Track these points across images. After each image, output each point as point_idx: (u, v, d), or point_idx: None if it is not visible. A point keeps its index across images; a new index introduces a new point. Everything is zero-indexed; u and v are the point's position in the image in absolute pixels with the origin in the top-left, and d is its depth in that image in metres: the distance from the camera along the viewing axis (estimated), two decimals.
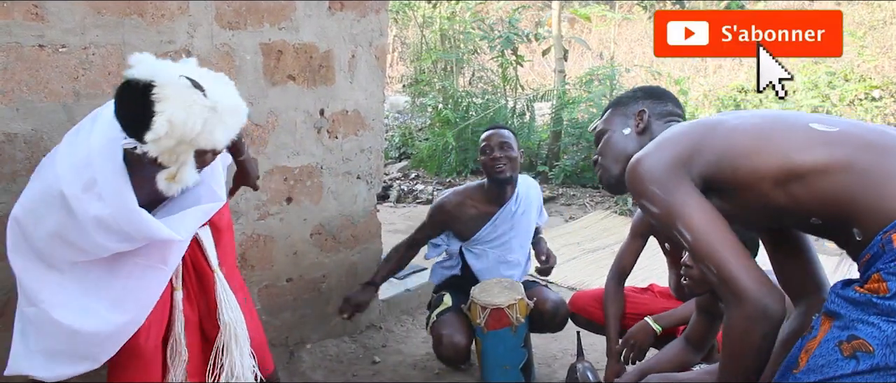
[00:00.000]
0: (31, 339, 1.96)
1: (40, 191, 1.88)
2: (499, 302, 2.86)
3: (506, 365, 2.92)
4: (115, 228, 1.86)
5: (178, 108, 1.73)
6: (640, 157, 1.61)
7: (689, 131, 1.62)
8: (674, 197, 1.53)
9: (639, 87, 2.00)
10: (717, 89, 10.61)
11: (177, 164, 1.82)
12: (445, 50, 8.71)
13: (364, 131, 3.36)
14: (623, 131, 1.88)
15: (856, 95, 8.88)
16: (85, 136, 1.89)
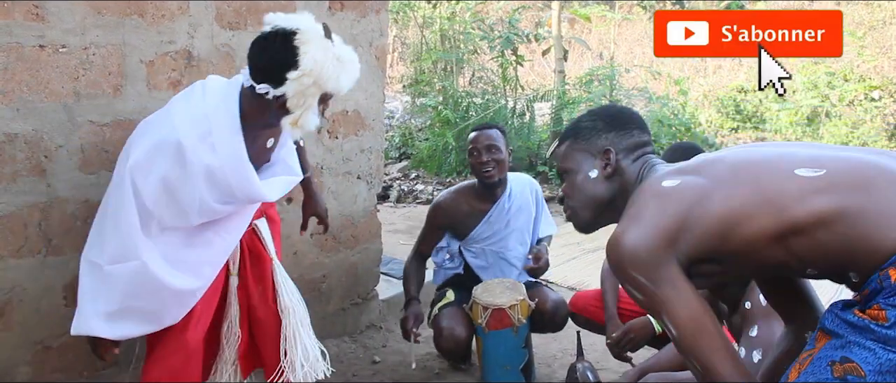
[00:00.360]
0: (102, 300, 2.04)
1: (155, 143, 1.98)
2: (500, 302, 2.86)
3: (506, 366, 2.92)
4: (220, 181, 2.03)
5: (318, 51, 1.96)
6: (621, 237, 1.51)
7: (675, 202, 1.50)
8: (660, 287, 1.46)
9: (599, 111, 1.85)
10: (717, 89, 10.62)
11: (302, 109, 2.00)
12: (445, 50, 8.71)
13: (364, 131, 3.36)
14: (589, 174, 1.75)
15: (855, 95, 8.89)
16: (199, 97, 2.05)
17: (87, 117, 2.37)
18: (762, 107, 9.76)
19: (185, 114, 2.01)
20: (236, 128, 2.03)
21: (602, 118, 1.79)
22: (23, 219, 2.29)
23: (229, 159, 2.03)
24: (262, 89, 1.99)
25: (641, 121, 1.81)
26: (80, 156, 2.37)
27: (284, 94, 1.98)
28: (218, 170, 2.02)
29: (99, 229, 2.07)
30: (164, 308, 2.13)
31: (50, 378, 2.44)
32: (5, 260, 2.28)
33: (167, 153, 1.97)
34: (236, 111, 2.03)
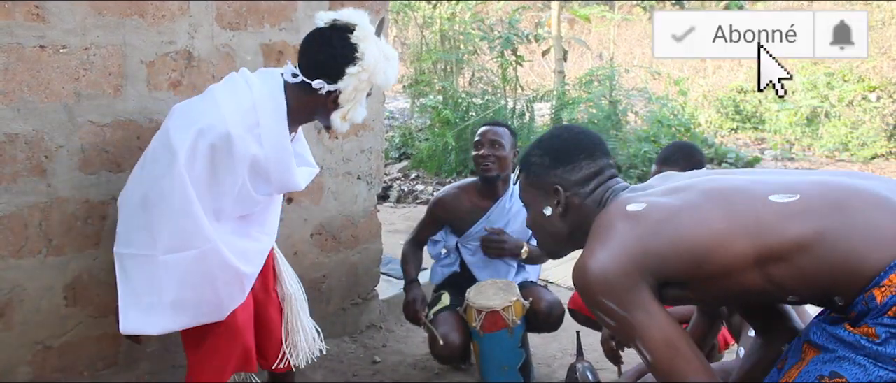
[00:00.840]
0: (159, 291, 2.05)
1: (201, 131, 1.97)
2: (494, 304, 2.85)
3: (504, 366, 2.92)
4: (262, 170, 2.09)
5: (374, 48, 2.03)
6: (587, 263, 1.48)
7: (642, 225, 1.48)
8: (631, 312, 1.44)
9: (546, 143, 1.79)
10: (717, 89, 10.63)
11: (353, 103, 2.08)
12: (445, 50, 8.71)
13: (364, 132, 3.36)
14: (544, 211, 1.74)
15: (854, 96, 8.90)
16: (245, 89, 2.06)
17: (88, 117, 2.37)
18: (762, 107, 9.77)
19: (233, 105, 2.02)
20: (283, 122, 2.08)
21: (548, 153, 1.75)
22: (23, 220, 2.29)
23: (274, 151, 2.08)
24: (317, 84, 2.04)
25: (591, 145, 1.75)
26: (80, 157, 2.37)
27: (338, 89, 2.04)
28: (263, 161, 2.07)
29: (142, 221, 2.04)
30: (228, 294, 2.15)
31: (50, 378, 2.44)
32: (6, 260, 2.28)
33: (215, 142, 1.98)
34: (283, 104, 2.07)
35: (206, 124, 1.97)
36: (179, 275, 2.05)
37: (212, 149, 1.98)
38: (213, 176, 2.02)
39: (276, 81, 2.10)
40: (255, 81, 2.10)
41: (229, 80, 2.13)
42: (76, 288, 2.44)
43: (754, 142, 9.37)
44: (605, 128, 7.04)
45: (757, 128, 9.67)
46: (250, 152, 2.03)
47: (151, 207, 2.03)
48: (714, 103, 10.15)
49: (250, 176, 2.09)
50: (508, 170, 3.10)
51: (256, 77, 2.13)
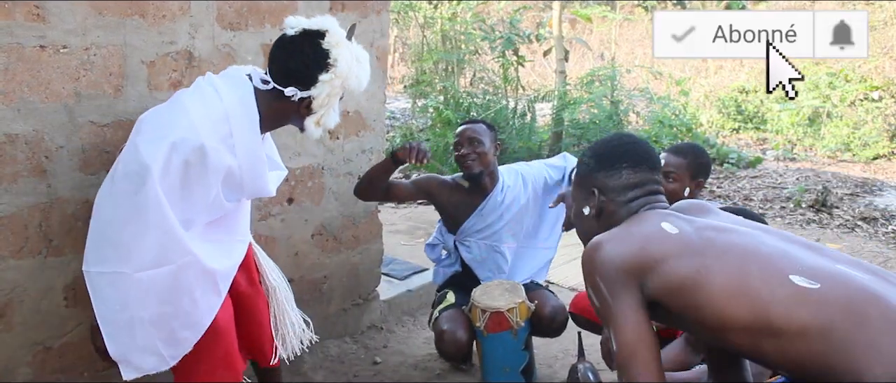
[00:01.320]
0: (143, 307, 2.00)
1: (173, 143, 1.92)
2: (499, 305, 2.85)
3: (506, 368, 2.91)
4: (236, 180, 2.07)
5: (345, 52, 2.02)
6: (599, 244, 1.62)
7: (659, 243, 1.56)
8: (615, 301, 1.55)
9: (595, 147, 1.87)
10: (718, 90, 10.62)
11: (326, 108, 2.07)
12: (447, 50, 8.71)
13: (365, 132, 3.36)
14: (583, 210, 1.85)
15: (856, 96, 8.88)
16: (214, 97, 2.01)
17: (88, 118, 2.36)
18: (763, 107, 9.76)
19: (204, 115, 1.97)
20: (255, 130, 2.05)
21: (595, 156, 1.83)
22: (23, 220, 2.29)
23: (247, 160, 2.06)
24: (290, 92, 2.02)
25: (637, 156, 1.79)
26: (80, 157, 2.37)
27: (311, 96, 2.03)
28: (236, 171, 2.05)
29: (113, 238, 1.97)
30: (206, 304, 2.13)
31: (50, 378, 2.44)
32: (6, 260, 2.27)
33: (188, 156, 1.94)
34: (256, 113, 2.04)
35: (178, 137, 1.91)
36: (156, 291, 2.00)
37: (185, 163, 1.94)
38: (184, 188, 1.98)
39: (247, 88, 2.06)
40: (223, 88, 2.04)
41: (197, 87, 2.08)
42: (76, 288, 2.43)
43: (756, 142, 9.37)
44: (607, 128, 7.04)
45: (759, 128, 9.66)
46: (224, 163, 2.01)
47: (123, 224, 1.95)
48: (716, 103, 10.14)
49: (223, 185, 2.07)
50: (492, 166, 3.11)
51: (224, 83, 2.07)
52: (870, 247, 5.36)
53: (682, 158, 2.75)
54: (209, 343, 2.18)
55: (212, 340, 2.18)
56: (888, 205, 6.36)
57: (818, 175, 7.38)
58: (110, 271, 1.97)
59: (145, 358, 2.05)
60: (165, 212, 1.93)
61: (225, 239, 2.23)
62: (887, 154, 8.22)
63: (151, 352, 2.05)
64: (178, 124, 1.94)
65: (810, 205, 6.29)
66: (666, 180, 2.74)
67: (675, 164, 2.74)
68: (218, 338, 2.20)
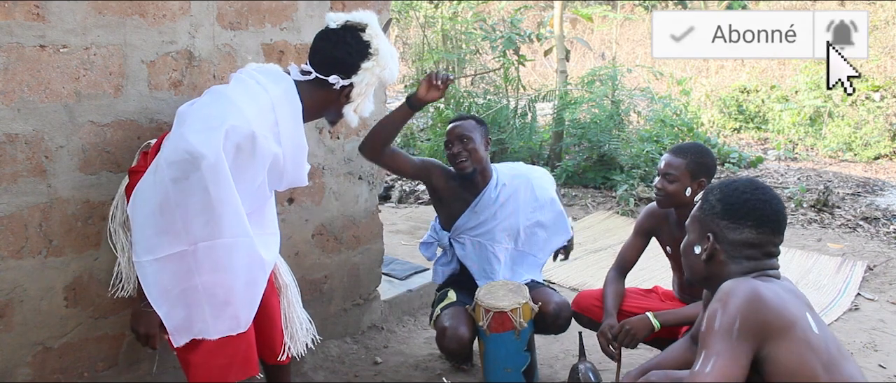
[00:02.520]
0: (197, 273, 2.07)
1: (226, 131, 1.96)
2: (502, 305, 2.84)
3: (508, 368, 2.91)
4: (278, 168, 2.16)
5: (384, 44, 2.19)
6: (760, 290, 1.63)
7: (800, 328, 1.62)
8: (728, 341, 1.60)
9: (726, 190, 1.83)
10: (719, 89, 10.61)
11: (363, 97, 2.23)
12: (447, 50, 8.70)
13: (365, 132, 3.35)
14: (694, 248, 1.86)
15: (858, 95, 8.87)
16: (260, 89, 2.09)
17: (88, 117, 2.36)
18: (765, 107, 9.75)
19: (253, 106, 2.04)
20: (299, 120, 2.16)
21: (722, 201, 1.81)
22: (23, 220, 2.29)
23: (292, 149, 2.15)
24: (333, 80, 2.16)
25: (765, 217, 1.78)
26: (80, 157, 2.36)
27: (352, 84, 2.18)
28: (281, 159, 2.13)
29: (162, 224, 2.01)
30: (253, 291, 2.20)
31: (50, 379, 2.44)
32: (6, 260, 2.27)
33: (240, 142, 1.99)
34: (299, 104, 2.15)
35: (231, 125, 1.97)
36: (212, 260, 2.06)
37: (237, 149, 2.00)
38: (236, 175, 2.02)
39: (288, 81, 2.16)
40: (267, 82, 2.13)
41: (239, 81, 2.12)
42: (76, 288, 2.43)
43: (757, 142, 9.36)
44: (608, 128, 7.03)
45: (760, 128, 9.65)
46: (271, 151, 2.09)
47: (174, 208, 1.99)
48: (717, 103, 10.13)
49: (268, 173, 2.14)
50: (484, 162, 3.07)
51: (266, 77, 2.15)
52: (871, 246, 5.35)
53: (681, 159, 2.73)
54: (229, 339, 2.19)
55: (233, 336, 2.20)
56: (890, 204, 6.35)
57: (820, 175, 7.38)
58: (163, 255, 2.03)
59: (194, 326, 2.14)
60: (230, 189, 1.99)
61: (259, 232, 2.25)
62: (889, 154, 8.21)
63: (199, 321, 2.13)
64: (230, 113, 2.00)
65: (812, 205, 6.28)
66: (666, 181, 2.74)
67: (674, 165, 2.73)
68: (239, 335, 2.21)
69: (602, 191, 6.84)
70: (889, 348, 3.67)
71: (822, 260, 5.01)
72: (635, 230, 3.03)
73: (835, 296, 4.36)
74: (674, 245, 2.90)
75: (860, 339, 3.76)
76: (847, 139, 8.46)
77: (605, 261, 4.87)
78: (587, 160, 7.13)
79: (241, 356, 2.24)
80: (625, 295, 2.98)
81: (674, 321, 2.74)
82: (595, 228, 5.82)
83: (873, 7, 10.31)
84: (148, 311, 2.10)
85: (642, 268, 3.46)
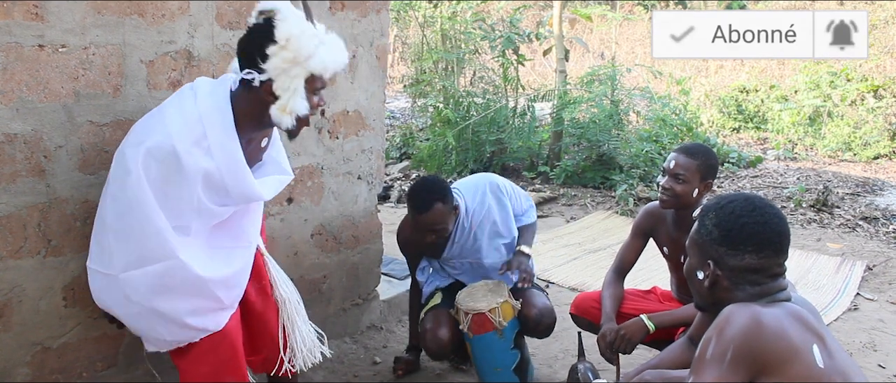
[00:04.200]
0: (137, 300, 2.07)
1: (148, 149, 1.95)
2: (480, 307, 2.83)
3: (497, 368, 2.90)
4: (218, 183, 2.05)
5: (294, 27, 1.99)
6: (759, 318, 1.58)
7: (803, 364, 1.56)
8: (719, 371, 1.56)
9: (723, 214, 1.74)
10: (719, 89, 10.61)
11: (289, 92, 2.02)
12: (446, 50, 8.69)
13: (365, 131, 3.35)
14: (696, 273, 1.80)
15: (857, 95, 8.87)
16: (190, 101, 2.04)
17: (87, 117, 2.36)
18: (764, 107, 9.75)
19: (178, 119, 2.00)
20: (231, 130, 2.04)
21: (719, 226, 1.73)
22: (22, 220, 2.28)
23: (225, 161, 2.04)
24: (248, 75, 2.02)
25: (765, 240, 1.69)
26: (79, 157, 2.36)
27: (270, 78, 2.00)
28: (215, 173, 2.03)
29: (106, 239, 2.06)
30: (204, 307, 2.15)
31: (49, 379, 2.43)
32: (5, 260, 2.27)
33: (162, 159, 1.96)
34: (229, 112, 2.05)
35: (152, 143, 1.96)
36: (147, 287, 2.05)
37: (160, 165, 1.96)
38: (165, 193, 1.99)
39: (223, 89, 2.08)
40: (201, 91, 2.07)
41: (179, 94, 2.12)
42: (75, 288, 2.43)
43: (757, 141, 9.36)
44: (607, 127, 7.02)
45: (759, 127, 9.65)
46: (201, 166, 2.00)
47: (111, 226, 2.04)
48: (716, 103, 10.13)
49: (205, 190, 2.05)
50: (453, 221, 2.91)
51: (205, 87, 2.10)
52: (870, 246, 5.35)
53: (694, 160, 2.71)
54: (213, 346, 2.19)
55: (217, 343, 2.20)
56: (889, 204, 6.35)
57: (819, 174, 7.38)
58: (103, 271, 2.06)
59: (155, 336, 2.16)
60: (148, 211, 1.97)
61: (229, 245, 2.23)
62: (888, 153, 8.21)
63: (155, 335, 2.15)
64: (155, 130, 2.00)
65: (811, 205, 6.28)
66: (676, 182, 2.72)
67: (685, 166, 2.71)
68: (223, 342, 2.21)
69: (601, 190, 6.84)
70: (888, 348, 3.67)
71: (821, 259, 5.01)
72: (633, 231, 3.02)
73: (834, 296, 4.36)
74: (671, 245, 2.89)
75: (859, 339, 3.76)
76: (846, 139, 8.46)
77: (604, 261, 4.87)
78: (586, 160, 7.12)
79: (226, 364, 2.23)
80: (624, 298, 2.97)
81: (669, 322, 2.74)
82: (594, 228, 5.82)
83: (873, 7, 10.32)
84: None
85: (641, 268, 3.45)
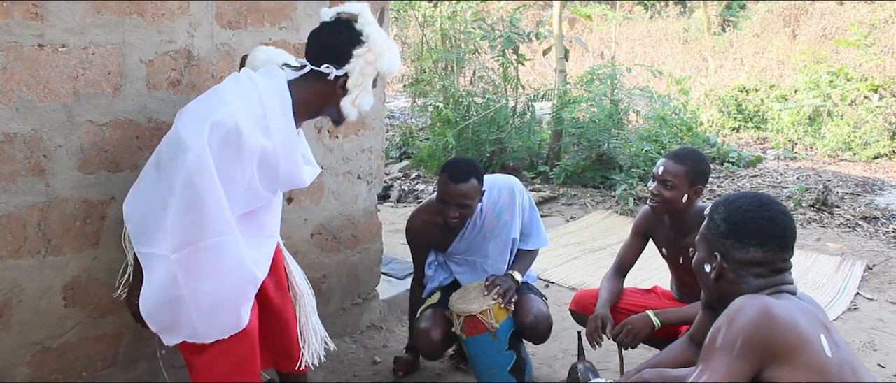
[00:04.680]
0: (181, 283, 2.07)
1: (211, 125, 1.98)
2: (471, 309, 2.83)
3: (492, 369, 2.90)
4: (271, 163, 2.13)
5: (377, 31, 2.16)
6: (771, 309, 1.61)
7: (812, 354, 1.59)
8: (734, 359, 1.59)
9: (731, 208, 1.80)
10: (719, 88, 10.61)
11: (360, 88, 2.17)
12: (446, 49, 8.69)
13: (364, 131, 3.35)
14: (705, 267, 1.85)
15: (857, 95, 8.87)
16: (250, 84, 2.10)
17: (87, 117, 2.36)
18: (764, 106, 9.75)
19: (240, 99, 2.04)
20: (289, 114, 2.13)
21: (727, 220, 1.80)
22: (22, 219, 2.28)
23: (282, 142, 2.12)
24: (325, 69, 2.12)
25: (770, 235, 1.75)
26: (79, 156, 2.36)
27: (347, 73, 2.13)
28: (271, 153, 2.11)
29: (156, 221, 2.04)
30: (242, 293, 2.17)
31: (49, 378, 2.43)
32: (4, 260, 2.27)
33: (225, 135, 1.99)
34: (288, 96, 2.13)
35: (216, 118, 1.99)
36: (197, 265, 2.06)
37: (222, 143, 2.00)
38: (222, 169, 2.02)
39: (280, 76, 2.16)
40: (258, 77, 2.13)
41: (234, 78, 2.15)
42: (75, 288, 2.43)
43: (756, 141, 9.35)
44: (607, 127, 7.02)
45: (759, 127, 9.65)
46: (259, 144, 2.07)
47: (166, 206, 2.01)
48: (716, 102, 10.13)
49: (259, 169, 2.12)
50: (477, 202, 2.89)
51: (260, 73, 2.17)
52: (870, 246, 5.35)
53: (682, 166, 2.72)
54: (235, 343, 2.20)
55: (239, 341, 2.20)
56: (889, 204, 6.35)
57: (819, 174, 7.38)
58: (157, 253, 2.05)
59: (182, 330, 2.14)
60: (211, 184, 1.98)
61: (256, 234, 2.26)
62: (888, 153, 8.20)
63: (188, 326, 2.13)
64: (216, 107, 2.02)
65: (811, 205, 6.28)
66: (664, 187, 2.73)
67: (673, 172, 2.72)
68: (245, 340, 2.22)
69: (601, 190, 6.84)
70: (888, 347, 3.68)
71: (821, 259, 5.01)
72: (633, 231, 3.03)
73: (834, 296, 4.36)
74: (668, 246, 2.90)
75: (859, 339, 3.76)
76: (846, 138, 8.45)
77: (603, 261, 4.87)
78: (586, 159, 7.12)
79: (244, 363, 2.24)
80: (624, 294, 2.98)
81: (674, 320, 2.75)
82: (594, 228, 5.82)
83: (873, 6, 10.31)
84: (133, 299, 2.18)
85: (641, 268, 3.45)
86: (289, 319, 2.48)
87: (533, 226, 3.12)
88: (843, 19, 11.28)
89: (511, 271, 3.02)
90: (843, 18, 11.27)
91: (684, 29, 14.77)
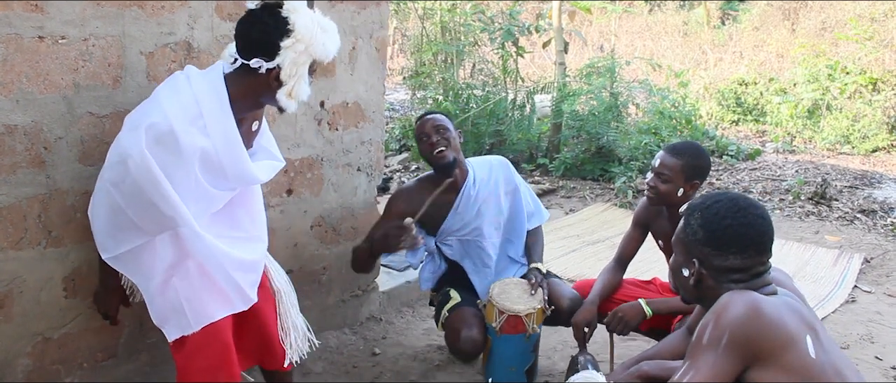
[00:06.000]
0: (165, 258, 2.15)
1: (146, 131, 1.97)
2: (518, 309, 2.82)
3: (512, 367, 2.92)
4: (215, 162, 2.09)
5: (305, 18, 2.07)
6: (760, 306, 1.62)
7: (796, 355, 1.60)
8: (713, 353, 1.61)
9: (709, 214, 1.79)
10: (718, 82, 10.60)
11: (295, 78, 2.09)
12: (446, 42, 8.67)
13: (364, 123, 3.36)
14: (683, 270, 1.85)
15: (856, 88, 8.87)
16: (185, 84, 2.08)
17: (87, 109, 2.36)
18: (763, 99, 9.74)
19: (173, 100, 2.03)
20: (226, 110, 2.09)
21: (704, 227, 1.78)
22: (22, 211, 2.29)
23: (221, 140, 2.08)
24: (255, 64, 2.06)
25: (749, 241, 1.75)
26: (79, 148, 2.36)
27: (278, 66, 2.06)
28: (211, 152, 2.08)
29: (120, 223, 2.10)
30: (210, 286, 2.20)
31: (50, 369, 2.44)
32: (5, 251, 2.28)
33: (160, 139, 1.98)
34: (225, 93, 2.09)
35: (149, 123, 1.98)
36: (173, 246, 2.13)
37: (158, 145, 1.98)
38: (167, 176, 2.02)
39: (216, 72, 2.13)
40: (195, 75, 2.12)
41: (171, 78, 2.15)
42: (76, 279, 2.44)
43: (755, 134, 9.35)
44: (606, 120, 7.02)
45: (758, 120, 9.64)
46: (198, 145, 2.04)
47: (122, 211, 2.07)
48: (715, 95, 10.12)
49: (203, 170, 2.09)
50: (460, 153, 2.98)
51: (197, 72, 2.15)
52: (868, 239, 5.36)
53: (677, 159, 2.73)
54: (206, 338, 2.20)
55: (210, 335, 2.20)
56: (887, 197, 6.36)
57: (817, 167, 7.38)
58: (132, 247, 2.09)
59: (179, 318, 2.17)
60: (158, 182, 1.99)
61: (227, 234, 2.25)
62: (886, 146, 8.21)
63: (179, 312, 2.16)
64: (150, 112, 2.02)
65: (809, 198, 6.29)
66: (659, 180, 2.74)
67: (669, 165, 2.73)
68: (216, 334, 2.22)
69: (600, 182, 6.85)
70: (885, 340, 3.69)
71: (819, 252, 5.02)
72: (633, 222, 3.05)
73: (832, 289, 4.37)
74: (665, 239, 2.92)
75: (857, 331, 3.78)
76: (845, 132, 8.45)
77: (602, 253, 4.88)
78: (585, 152, 7.12)
79: (220, 360, 2.24)
80: (622, 285, 3.00)
81: (666, 309, 2.77)
82: (593, 220, 5.83)
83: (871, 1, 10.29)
84: (104, 290, 2.28)
85: (641, 259, 3.46)
86: (267, 318, 2.45)
87: (533, 202, 3.21)
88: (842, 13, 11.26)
89: (534, 265, 3.07)
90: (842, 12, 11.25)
91: (684, 22, 14.75)
